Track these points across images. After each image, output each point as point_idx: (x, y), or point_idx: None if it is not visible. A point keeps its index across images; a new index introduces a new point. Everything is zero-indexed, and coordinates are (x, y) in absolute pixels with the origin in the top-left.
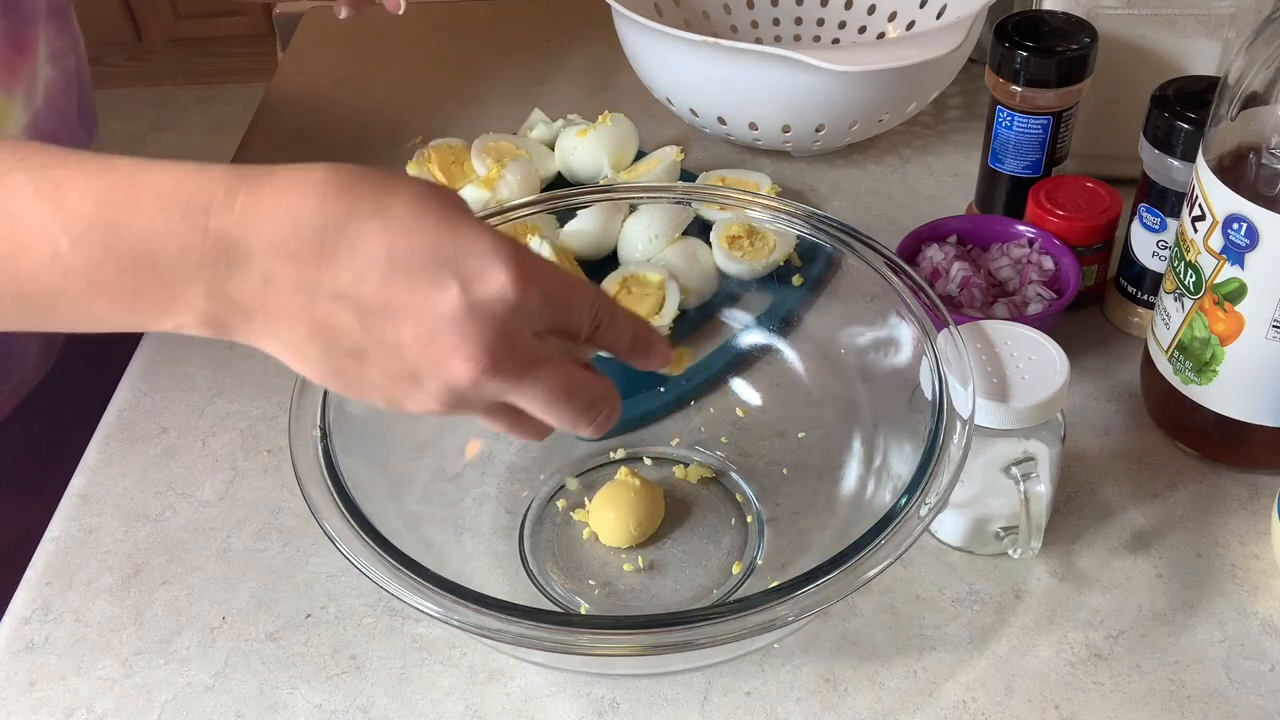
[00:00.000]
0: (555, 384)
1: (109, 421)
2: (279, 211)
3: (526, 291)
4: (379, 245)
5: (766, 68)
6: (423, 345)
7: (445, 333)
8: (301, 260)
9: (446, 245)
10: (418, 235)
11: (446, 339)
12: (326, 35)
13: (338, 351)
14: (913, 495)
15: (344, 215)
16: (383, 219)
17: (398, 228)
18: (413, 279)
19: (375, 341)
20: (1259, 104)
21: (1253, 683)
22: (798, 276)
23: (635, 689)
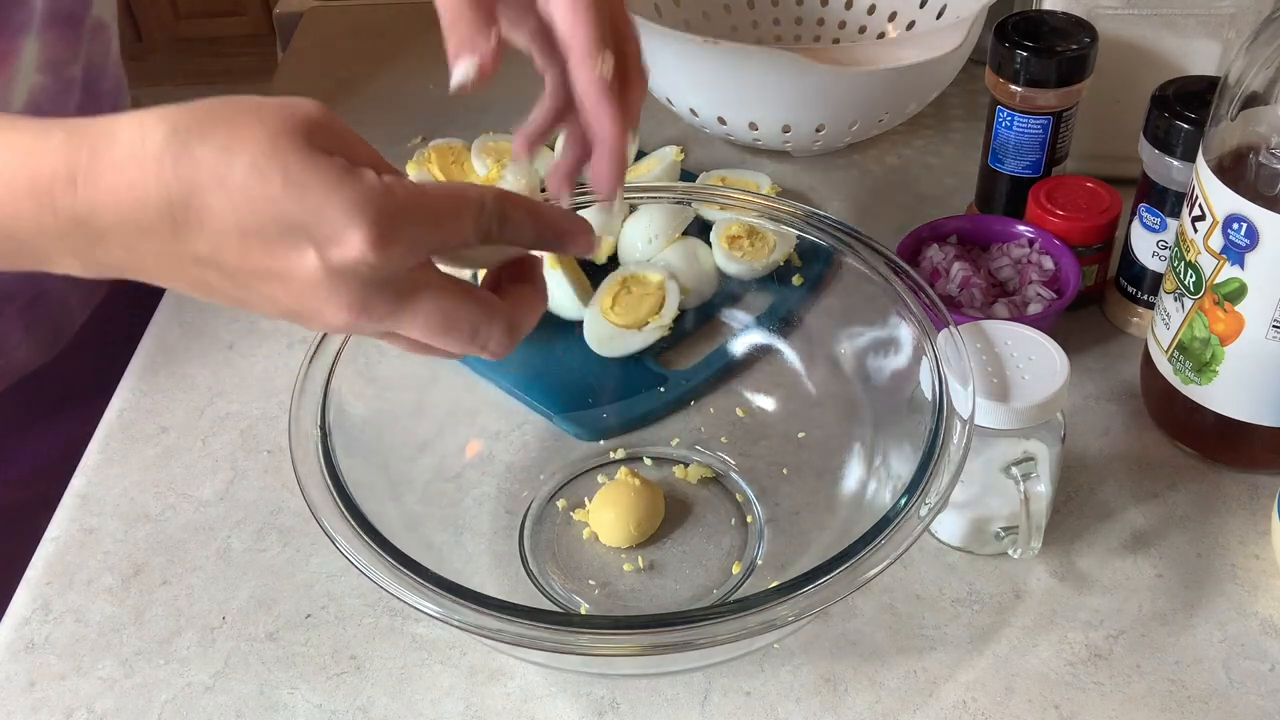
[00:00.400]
0: (432, 320)
1: (109, 421)
2: (120, 189)
3: (387, 249)
4: (227, 219)
5: (766, 68)
6: (295, 299)
7: (313, 291)
8: (157, 236)
9: (296, 211)
10: (264, 206)
11: (315, 295)
12: (326, 35)
13: (222, 299)
14: (913, 495)
15: (187, 189)
16: (225, 190)
17: (242, 199)
18: (268, 248)
19: (252, 293)
20: (1259, 104)
21: (1253, 683)
22: (798, 276)
23: (635, 689)
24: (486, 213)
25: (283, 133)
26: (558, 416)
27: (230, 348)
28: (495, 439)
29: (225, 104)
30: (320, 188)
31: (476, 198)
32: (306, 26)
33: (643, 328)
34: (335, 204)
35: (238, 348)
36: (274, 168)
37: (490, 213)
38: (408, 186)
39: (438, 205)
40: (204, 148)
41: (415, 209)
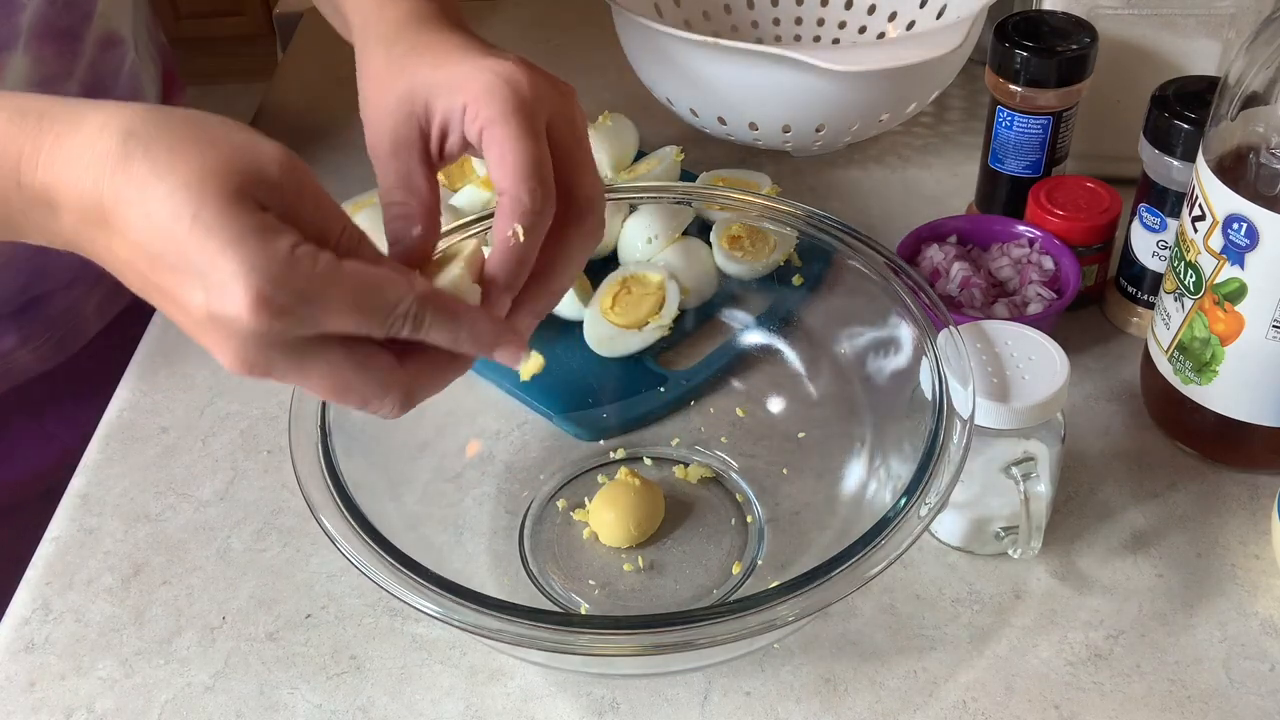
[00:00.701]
0: (323, 386)
1: (109, 421)
2: (70, 177)
3: (268, 318)
4: (139, 236)
5: (766, 68)
6: (193, 327)
7: (202, 329)
8: (91, 223)
9: (194, 255)
10: (168, 240)
11: (205, 333)
12: (326, 35)
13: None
14: (913, 495)
15: (114, 197)
16: (143, 211)
17: (153, 225)
18: (171, 273)
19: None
20: (1259, 104)
21: (1253, 683)
22: (798, 276)
23: (635, 689)
24: (397, 315)
25: (216, 172)
26: (558, 416)
27: None
28: (495, 439)
29: (188, 122)
30: (221, 238)
31: (394, 299)
32: (306, 26)
33: (643, 328)
34: (230, 259)
35: None
36: (188, 204)
37: (403, 316)
38: (324, 264)
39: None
40: (141, 163)
41: (316, 289)
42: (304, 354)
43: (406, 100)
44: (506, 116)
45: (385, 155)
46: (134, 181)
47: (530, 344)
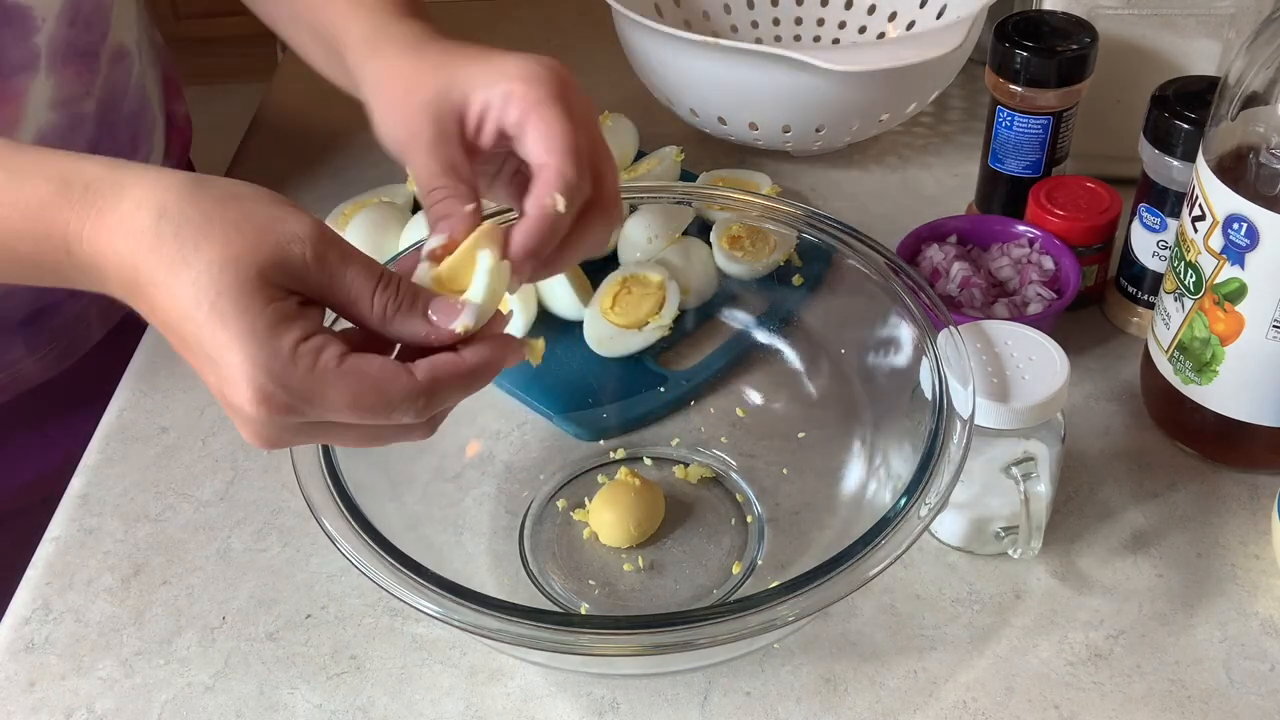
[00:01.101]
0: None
1: (109, 421)
2: (110, 253)
3: (269, 414)
4: (166, 315)
5: (766, 68)
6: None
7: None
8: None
9: (207, 343)
10: (188, 323)
11: (229, 408)
12: None
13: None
14: (913, 495)
15: (148, 275)
16: (169, 293)
17: (177, 307)
18: (191, 353)
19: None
20: (1259, 104)
21: (1253, 683)
22: (798, 276)
23: (635, 689)
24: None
25: (239, 259)
26: (558, 416)
27: None
28: (495, 439)
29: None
30: (231, 331)
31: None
32: None
33: (643, 328)
34: (235, 352)
35: None
36: (207, 292)
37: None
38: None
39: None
40: (171, 245)
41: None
42: (316, 430)
43: (445, 94)
44: (553, 99)
45: (426, 147)
46: (164, 263)
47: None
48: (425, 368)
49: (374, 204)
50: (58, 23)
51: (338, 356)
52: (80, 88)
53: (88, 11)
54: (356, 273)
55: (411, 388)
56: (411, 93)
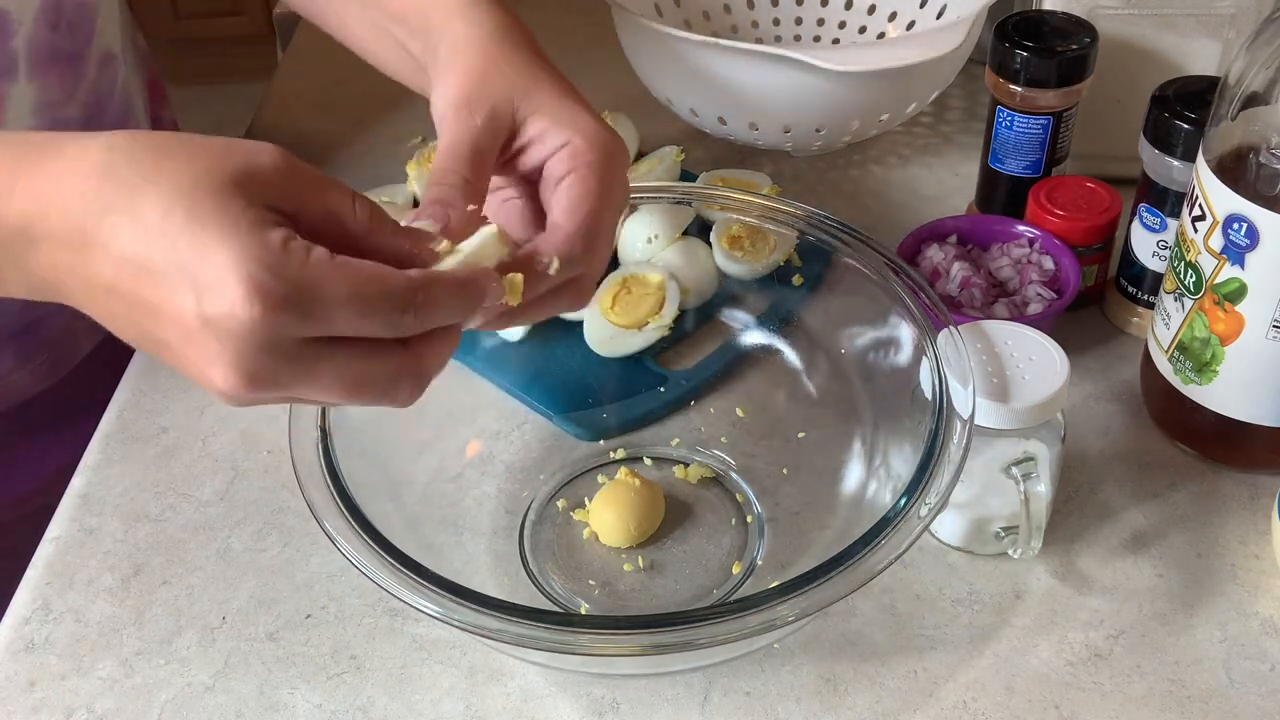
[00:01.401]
0: (333, 389)
1: (109, 421)
2: (52, 200)
3: (264, 313)
4: (128, 245)
5: (766, 68)
6: (184, 348)
7: (197, 342)
8: (71, 249)
9: (185, 250)
10: (159, 240)
11: (201, 349)
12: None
13: (129, 334)
14: (913, 495)
15: (100, 209)
16: (131, 216)
17: (144, 227)
18: (156, 283)
19: (149, 335)
20: (1259, 104)
21: (1253, 683)
22: (798, 276)
23: (635, 689)
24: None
25: (208, 171)
26: (558, 416)
27: None
28: (495, 439)
29: (174, 136)
30: (215, 230)
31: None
32: (307, 26)
33: (643, 328)
34: (223, 249)
35: None
36: (181, 203)
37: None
38: (319, 256)
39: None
40: (127, 171)
41: (313, 278)
42: (307, 357)
43: (514, 100)
44: (602, 170)
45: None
46: (121, 189)
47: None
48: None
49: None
50: (36, 26)
51: (329, 252)
52: (63, 93)
53: (70, 14)
54: (331, 184)
55: (409, 280)
56: (489, 78)
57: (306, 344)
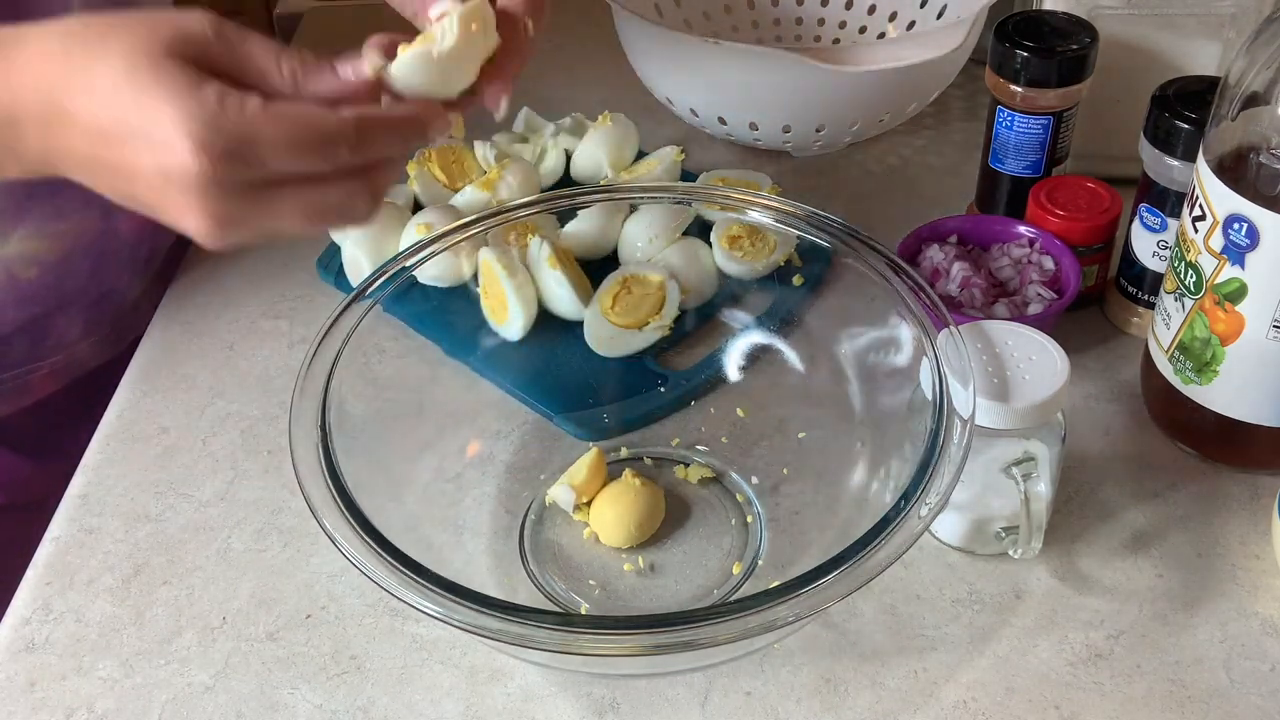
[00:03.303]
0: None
1: (109, 421)
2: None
3: (212, 164)
4: (89, 118)
5: (766, 68)
6: (161, 202)
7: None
8: (48, 125)
9: (134, 117)
10: (113, 109)
11: (172, 201)
12: (326, 35)
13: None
14: (913, 495)
15: (63, 87)
16: (88, 92)
17: (98, 101)
18: (121, 147)
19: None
20: (1259, 104)
21: (1253, 683)
22: (798, 276)
23: (635, 689)
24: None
25: (146, 40)
26: (558, 416)
27: (230, 348)
28: (495, 439)
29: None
30: (156, 94)
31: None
32: (306, 26)
33: (643, 328)
34: (165, 111)
35: (238, 348)
36: (125, 74)
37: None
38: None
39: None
40: (80, 50)
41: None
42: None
43: None
44: None
45: None
46: (76, 67)
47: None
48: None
49: None
50: None
51: (262, 102)
52: None
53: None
54: (257, 41)
55: (343, 120)
56: None
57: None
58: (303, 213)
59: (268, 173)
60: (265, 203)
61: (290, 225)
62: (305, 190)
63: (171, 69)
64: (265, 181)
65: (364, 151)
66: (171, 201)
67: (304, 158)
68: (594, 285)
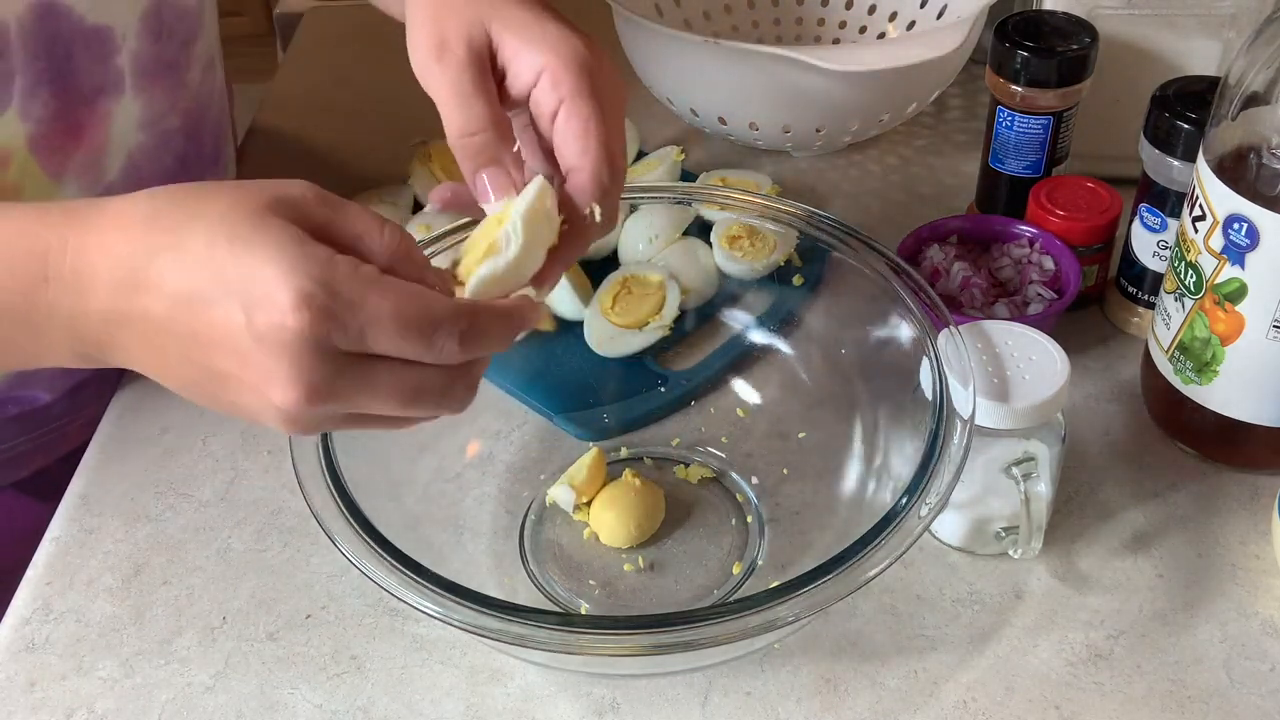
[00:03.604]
0: (393, 398)
1: (109, 421)
2: (100, 252)
3: (313, 320)
4: (178, 281)
5: (766, 68)
6: (241, 372)
7: (252, 363)
8: (123, 295)
9: (232, 275)
10: (207, 266)
11: (257, 368)
12: (326, 35)
13: (185, 380)
14: (913, 495)
15: (148, 251)
16: (179, 253)
17: (191, 260)
18: (208, 310)
19: (205, 370)
20: (1259, 104)
21: (1253, 683)
22: (798, 276)
23: (635, 689)
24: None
25: (243, 200)
26: (558, 416)
27: None
28: (495, 439)
29: (213, 183)
30: (260, 251)
31: (446, 314)
32: (306, 26)
33: (643, 328)
34: (270, 265)
35: None
36: (223, 231)
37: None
38: (366, 271)
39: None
40: (171, 214)
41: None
42: (363, 366)
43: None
44: (590, 92)
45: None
46: (167, 231)
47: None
48: (467, 299)
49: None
50: (140, 39)
51: (377, 270)
52: (166, 104)
53: (171, 22)
54: (359, 210)
55: (454, 306)
56: (452, 12)
57: (358, 355)
58: (400, 392)
59: (365, 347)
60: (361, 375)
61: (384, 406)
62: (403, 370)
63: (275, 225)
64: (362, 355)
65: (469, 346)
66: (255, 369)
67: (408, 338)
68: (594, 285)
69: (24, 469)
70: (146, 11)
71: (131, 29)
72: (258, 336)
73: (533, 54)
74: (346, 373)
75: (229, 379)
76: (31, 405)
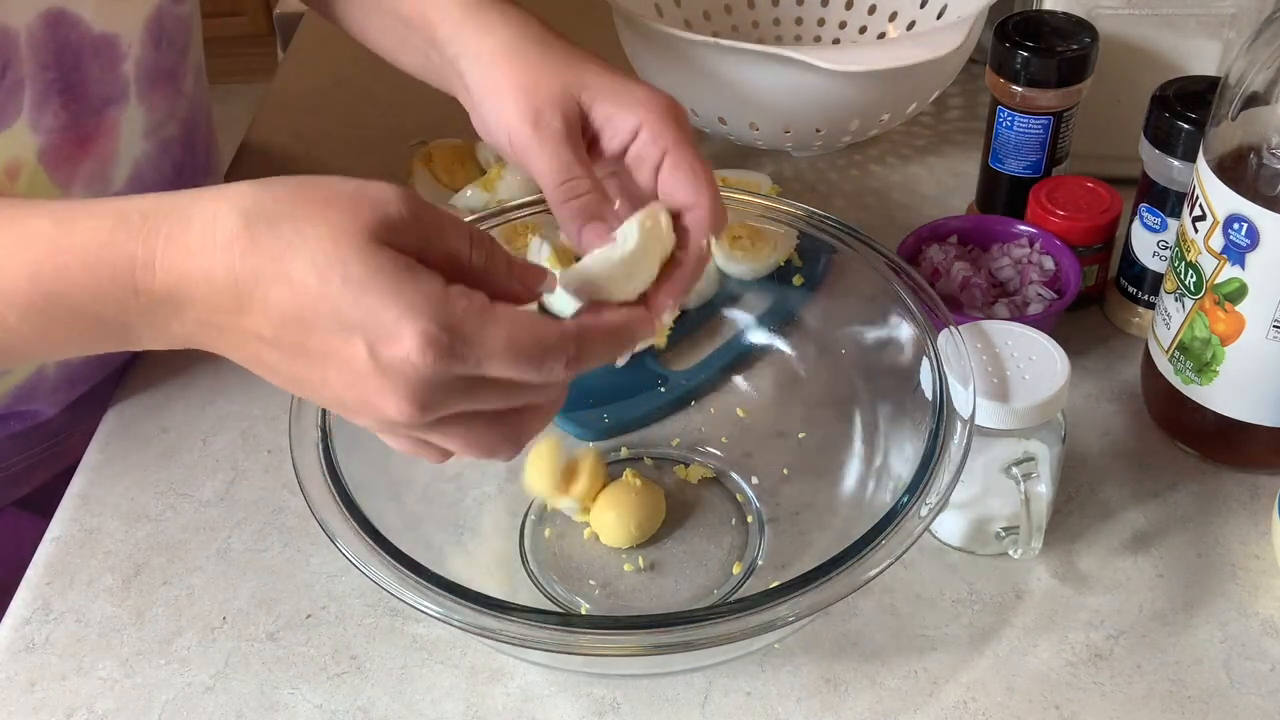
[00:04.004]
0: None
1: (109, 421)
2: (194, 274)
3: (435, 360)
4: (288, 307)
5: (767, 68)
6: (348, 385)
7: (368, 384)
8: (224, 312)
9: (351, 312)
10: (320, 302)
11: (372, 385)
12: (326, 35)
13: (281, 379)
14: (913, 495)
15: (252, 278)
16: (287, 283)
17: (301, 292)
18: (324, 337)
19: (308, 376)
20: (1259, 104)
21: (1253, 683)
22: (798, 276)
23: (636, 689)
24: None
25: (347, 229)
26: (558, 416)
27: None
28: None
29: (299, 192)
30: (376, 290)
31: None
32: (306, 26)
33: None
34: (390, 306)
35: None
36: (334, 266)
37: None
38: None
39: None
40: (270, 240)
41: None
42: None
43: (572, 94)
44: (684, 141)
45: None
46: (270, 258)
47: None
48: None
49: None
50: (143, 46)
51: (486, 301)
52: (166, 112)
53: (170, 30)
54: (450, 224)
55: (564, 331)
56: (541, 85)
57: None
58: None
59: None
60: (470, 391)
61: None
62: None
63: (383, 259)
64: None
65: (578, 364)
66: (372, 387)
67: (519, 366)
68: None
69: (25, 486)
70: (149, 19)
71: (136, 37)
72: (379, 366)
73: (628, 115)
74: (456, 393)
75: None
76: (34, 420)
